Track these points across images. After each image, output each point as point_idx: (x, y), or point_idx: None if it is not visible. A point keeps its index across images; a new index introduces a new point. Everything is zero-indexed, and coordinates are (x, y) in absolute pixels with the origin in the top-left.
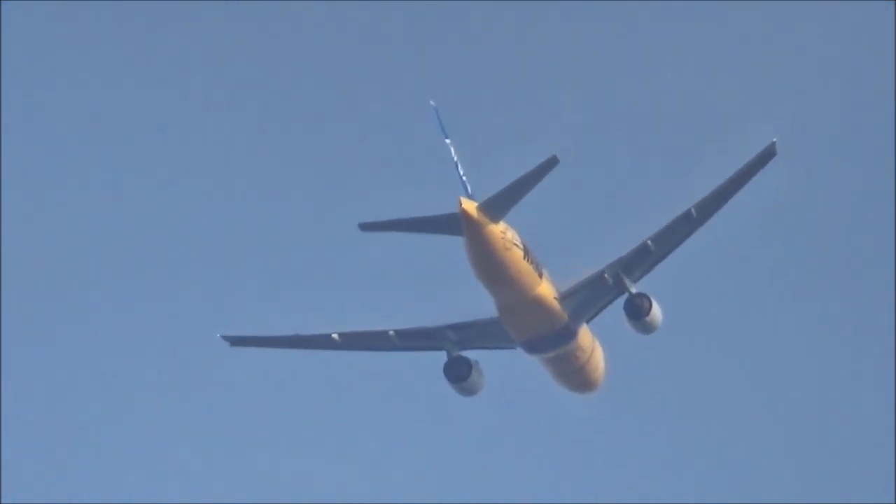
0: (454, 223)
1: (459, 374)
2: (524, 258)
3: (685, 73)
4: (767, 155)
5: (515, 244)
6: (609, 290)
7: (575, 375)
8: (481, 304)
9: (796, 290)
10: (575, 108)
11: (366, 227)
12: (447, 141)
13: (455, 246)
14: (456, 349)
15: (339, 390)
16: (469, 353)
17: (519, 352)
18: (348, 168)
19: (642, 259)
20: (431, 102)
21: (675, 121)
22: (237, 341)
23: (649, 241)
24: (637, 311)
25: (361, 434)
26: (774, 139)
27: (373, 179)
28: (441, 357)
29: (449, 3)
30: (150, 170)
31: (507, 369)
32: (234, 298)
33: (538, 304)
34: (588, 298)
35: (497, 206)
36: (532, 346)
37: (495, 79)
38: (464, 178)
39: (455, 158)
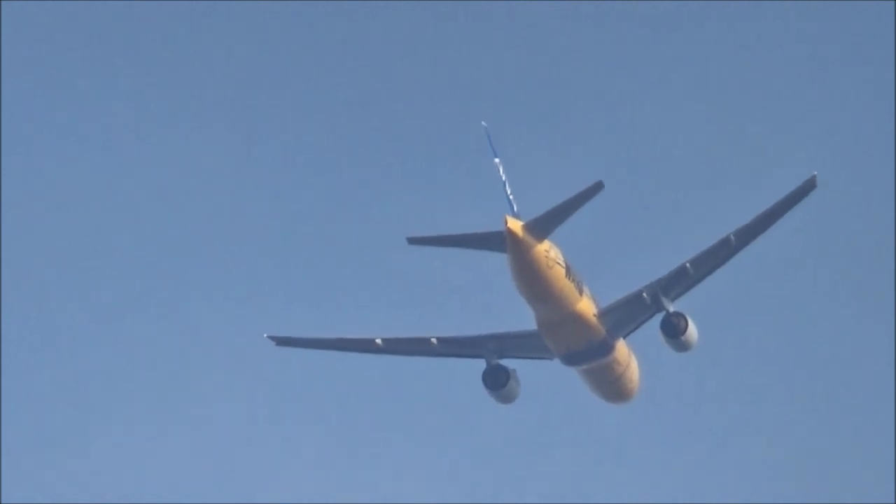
0: (499, 241)
1: (497, 382)
2: (566, 276)
3: (725, 92)
4: (807, 188)
5: (558, 263)
6: (647, 308)
7: (610, 386)
8: (522, 317)
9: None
10: (618, 133)
11: (413, 241)
12: (496, 160)
13: (498, 260)
14: (494, 358)
15: (375, 395)
16: (507, 362)
17: (556, 362)
18: (400, 183)
19: (680, 280)
20: (483, 123)
21: (707, 146)
22: (282, 341)
23: (688, 264)
24: (673, 329)
25: (393, 438)
26: (815, 172)
27: (423, 194)
28: (480, 365)
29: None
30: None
31: (544, 379)
32: (284, 305)
33: (577, 319)
34: (626, 315)
35: (542, 227)
36: (570, 359)
37: (543, 99)
38: (510, 196)
39: (503, 177)
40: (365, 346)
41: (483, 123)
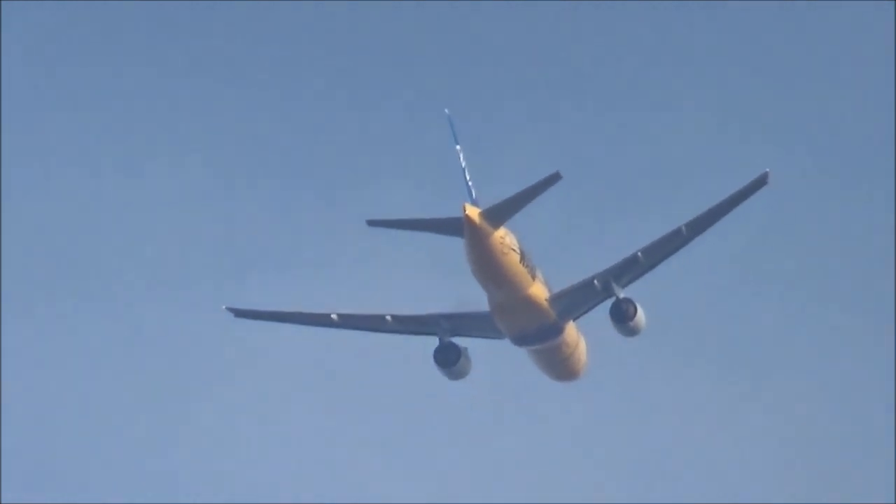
0: (457, 226)
1: (448, 359)
2: (520, 262)
3: (688, 83)
4: (758, 183)
5: (513, 249)
6: (597, 294)
7: (558, 366)
8: (475, 298)
9: (788, 294)
10: (584, 122)
11: (373, 223)
12: (457, 147)
13: (455, 244)
14: (447, 336)
15: (334, 370)
16: (459, 341)
17: (506, 342)
18: (364, 168)
19: (631, 268)
20: (446, 110)
21: (676, 135)
22: (241, 313)
23: (639, 253)
24: (622, 315)
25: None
26: (767, 169)
27: (385, 179)
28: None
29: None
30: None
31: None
32: (248, 283)
33: (529, 303)
34: (577, 301)
35: (498, 214)
36: (520, 340)
37: (506, 88)
38: (470, 183)
39: (463, 164)
40: (321, 320)
41: (446, 111)
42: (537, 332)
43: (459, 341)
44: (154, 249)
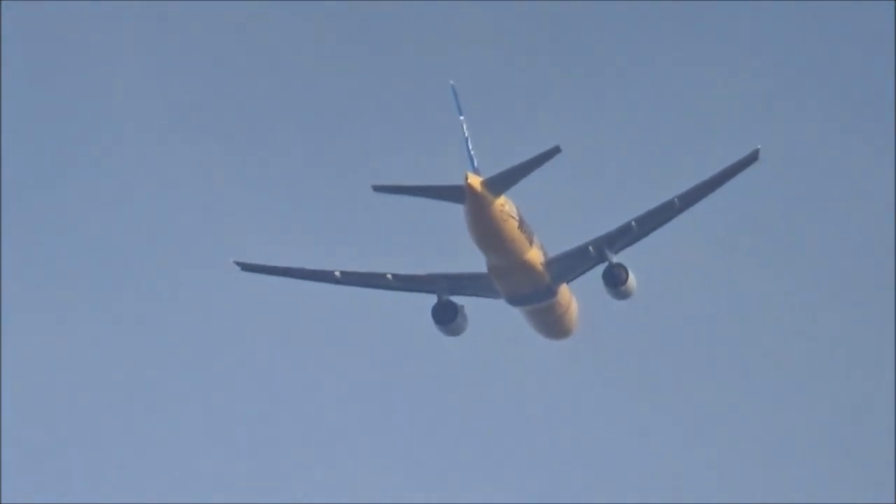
0: (458, 194)
1: (446, 317)
2: (518, 228)
3: (686, 69)
4: (749, 160)
5: (512, 216)
6: (591, 259)
7: (550, 326)
8: (473, 260)
9: (778, 281)
10: (582, 98)
11: (378, 188)
12: (461, 118)
13: (456, 210)
14: (445, 294)
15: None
16: (456, 299)
17: (502, 301)
18: (372, 136)
19: (624, 236)
20: (451, 82)
21: (676, 114)
22: (248, 267)
23: (633, 222)
24: (614, 279)
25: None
26: (759, 146)
27: (393, 148)
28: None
29: None
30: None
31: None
32: (260, 242)
33: (525, 267)
34: (571, 265)
35: (499, 184)
36: (515, 300)
37: (510, 64)
38: (472, 152)
39: (466, 134)
40: (325, 276)
41: (451, 82)
42: (532, 294)
43: (457, 300)
44: (159, 225)
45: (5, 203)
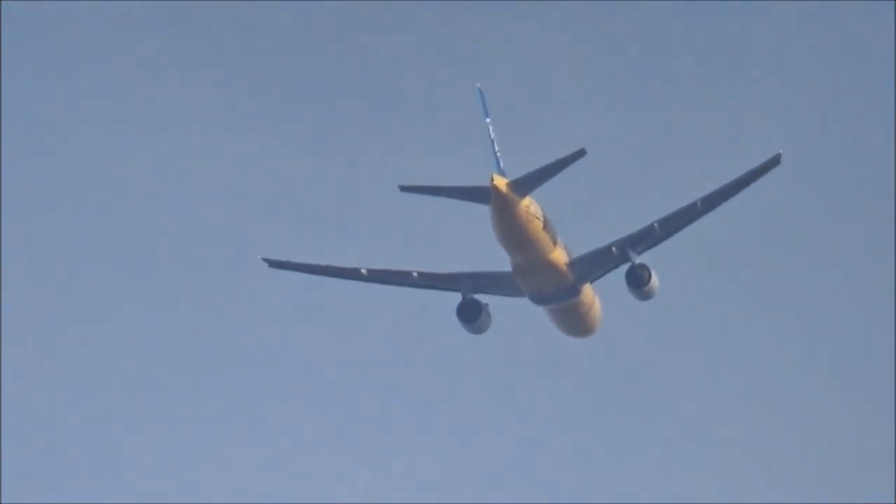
0: (485, 195)
1: (470, 315)
2: (543, 229)
3: (695, 70)
4: (771, 164)
5: (537, 217)
6: (614, 259)
7: (573, 324)
8: (498, 259)
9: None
10: (607, 100)
11: (405, 189)
12: (487, 120)
13: (482, 211)
14: (470, 293)
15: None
16: (481, 297)
17: (526, 301)
18: (400, 137)
19: (647, 237)
20: (478, 84)
21: (699, 116)
22: (276, 264)
23: (656, 224)
24: (637, 279)
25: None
26: (780, 150)
27: (419, 148)
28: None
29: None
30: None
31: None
32: (290, 241)
33: (550, 267)
34: (594, 265)
35: (524, 185)
36: (538, 299)
37: (537, 66)
38: (498, 154)
39: (492, 136)
40: (352, 273)
41: (477, 84)
42: (555, 293)
43: (481, 298)
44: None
45: (5, 203)
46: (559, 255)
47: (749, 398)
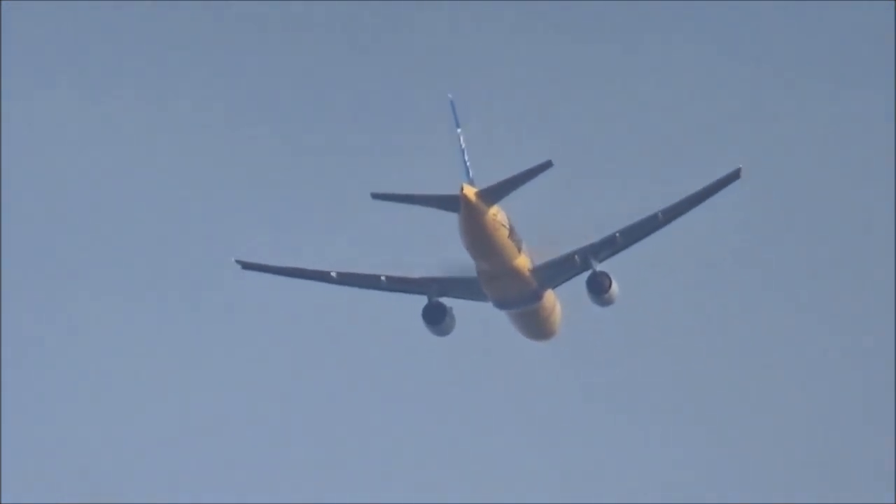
0: (453, 203)
1: (435, 318)
2: (508, 236)
3: (681, 73)
4: (731, 178)
5: (503, 225)
6: (576, 266)
7: (534, 328)
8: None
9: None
10: (575, 111)
11: (377, 196)
12: (458, 130)
13: (451, 218)
14: (435, 296)
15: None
16: (446, 301)
17: (489, 305)
18: (371, 149)
19: (609, 246)
20: (449, 95)
21: (667, 124)
22: (248, 266)
23: (617, 234)
24: (598, 286)
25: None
26: (740, 166)
27: (390, 158)
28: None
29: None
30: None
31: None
32: (263, 246)
33: (513, 273)
34: (557, 272)
35: (492, 195)
36: (501, 304)
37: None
38: (468, 164)
39: (463, 146)
40: (322, 276)
41: (449, 96)
42: (518, 298)
43: (446, 301)
44: (155, 229)
45: (6, 203)
46: (523, 262)
47: (748, 398)
